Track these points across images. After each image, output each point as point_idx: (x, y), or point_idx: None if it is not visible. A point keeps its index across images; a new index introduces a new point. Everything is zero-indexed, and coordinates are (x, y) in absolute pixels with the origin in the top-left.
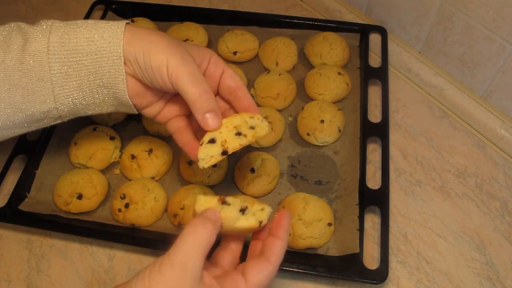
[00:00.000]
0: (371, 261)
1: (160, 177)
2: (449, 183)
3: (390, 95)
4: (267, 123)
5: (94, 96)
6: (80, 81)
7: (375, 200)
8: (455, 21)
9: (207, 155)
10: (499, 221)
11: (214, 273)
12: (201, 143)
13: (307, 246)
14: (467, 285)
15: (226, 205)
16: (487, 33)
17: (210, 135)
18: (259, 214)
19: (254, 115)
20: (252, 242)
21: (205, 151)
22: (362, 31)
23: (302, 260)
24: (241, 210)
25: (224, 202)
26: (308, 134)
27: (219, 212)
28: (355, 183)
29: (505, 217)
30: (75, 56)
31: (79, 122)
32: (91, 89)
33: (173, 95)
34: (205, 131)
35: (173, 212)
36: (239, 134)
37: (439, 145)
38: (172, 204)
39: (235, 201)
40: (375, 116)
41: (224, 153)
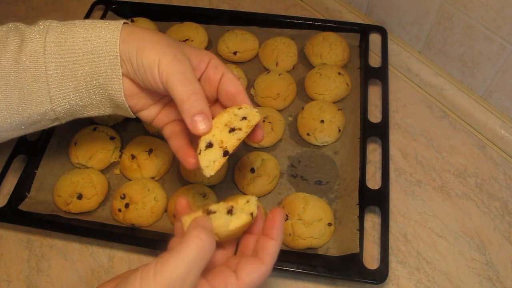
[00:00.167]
0: (371, 261)
1: (160, 177)
2: (449, 183)
3: (390, 95)
4: (256, 109)
5: (91, 97)
6: (76, 82)
7: (375, 200)
8: (455, 21)
9: (209, 161)
10: (499, 221)
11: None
12: (199, 152)
13: (307, 246)
14: (467, 285)
15: (212, 214)
16: (487, 33)
17: (205, 140)
18: (247, 207)
19: (242, 105)
20: (243, 236)
21: (206, 158)
22: (362, 31)
23: (302, 260)
24: (228, 212)
25: (209, 212)
26: (308, 134)
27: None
28: (355, 183)
29: (505, 217)
30: (72, 56)
31: (79, 122)
32: (87, 90)
33: (170, 99)
34: (195, 136)
35: (173, 212)
36: (232, 130)
37: (439, 145)
38: (172, 204)
39: (219, 206)
40: (375, 116)
41: (225, 153)
